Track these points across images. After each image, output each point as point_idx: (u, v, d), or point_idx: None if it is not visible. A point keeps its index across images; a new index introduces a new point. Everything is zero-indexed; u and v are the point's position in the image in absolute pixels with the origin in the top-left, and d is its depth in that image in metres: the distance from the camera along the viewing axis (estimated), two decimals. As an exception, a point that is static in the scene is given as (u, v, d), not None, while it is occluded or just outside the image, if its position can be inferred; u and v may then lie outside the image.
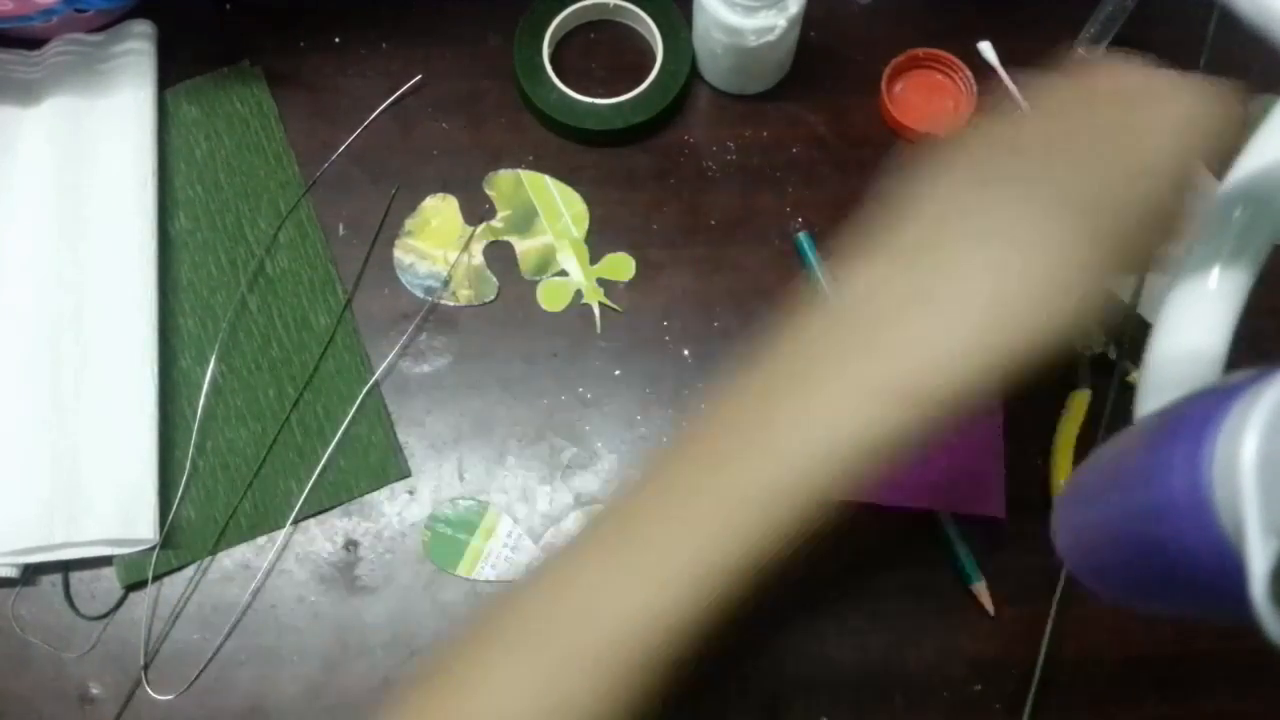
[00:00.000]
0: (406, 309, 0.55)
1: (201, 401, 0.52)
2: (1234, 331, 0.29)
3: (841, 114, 0.58)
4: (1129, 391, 0.53)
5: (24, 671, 0.49)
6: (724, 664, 0.49)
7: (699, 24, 0.56)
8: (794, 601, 0.50)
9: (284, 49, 0.59)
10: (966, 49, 0.59)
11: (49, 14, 0.54)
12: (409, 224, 0.56)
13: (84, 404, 0.50)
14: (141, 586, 0.50)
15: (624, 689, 0.31)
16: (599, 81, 0.58)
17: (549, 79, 0.57)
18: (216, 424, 0.52)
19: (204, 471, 0.52)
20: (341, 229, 0.56)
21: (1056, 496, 0.53)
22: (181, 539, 0.51)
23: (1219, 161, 0.32)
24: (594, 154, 0.57)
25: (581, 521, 0.51)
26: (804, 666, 0.49)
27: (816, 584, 0.50)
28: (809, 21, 0.55)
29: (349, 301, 0.55)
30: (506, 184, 0.57)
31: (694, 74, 0.58)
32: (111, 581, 0.50)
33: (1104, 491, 0.25)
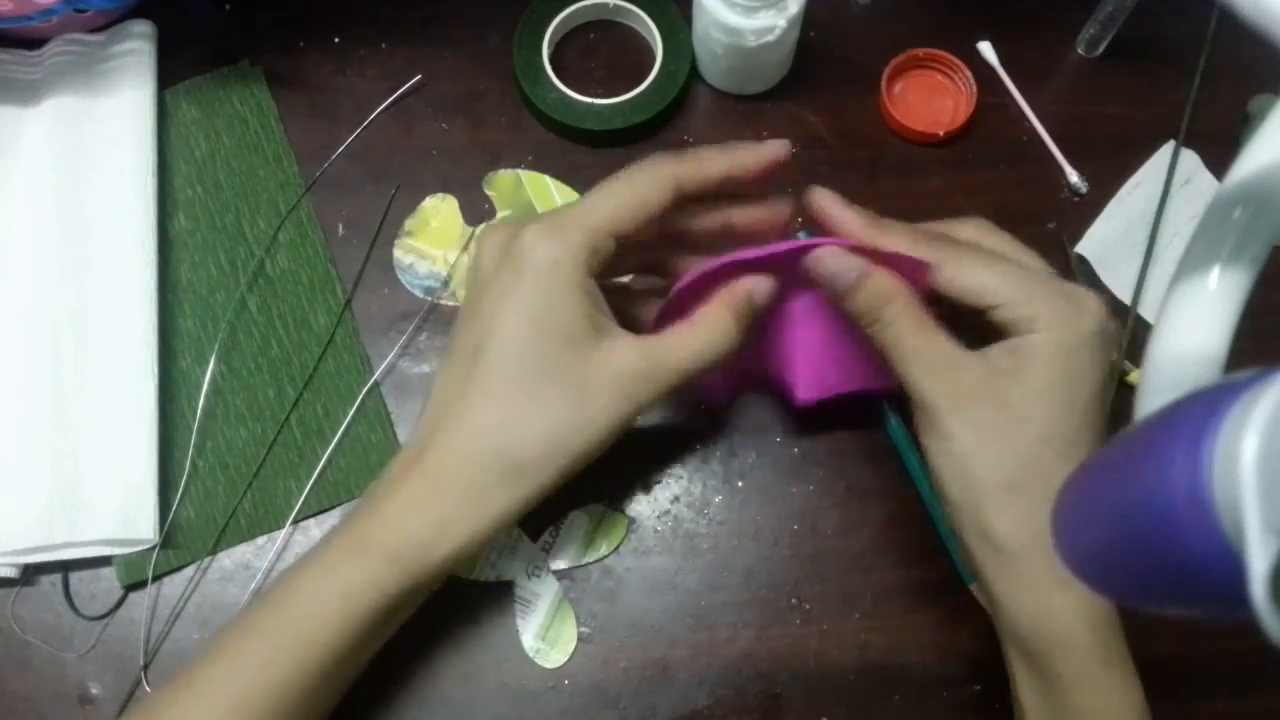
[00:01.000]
0: (406, 309, 0.55)
1: (201, 401, 0.52)
2: (1234, 331, 0.29)
3: (841, 114, 0.58)
4: (1129, 391, 0.53)
5: (24, 671, 0.49)
6: (723, 664, 0.49)
7: (699, 24, 0.56)
8: (794, 601, 0.50)
9: (284, 49, 0.59)
10: (966, 49, 0.59)
11: (49, 14, 0.54)
12: (409, 224, 0.56)
13: (84, 404, 0.50)
14: (141, 586, 0.50)
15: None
16: (599, 81, 0.58)
17: (549, 79, 0.57)
18: (216, 424, 0.52)
19: (204, 471, 0.52)
20: (341, 229, 0.56)
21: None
22: (181, 539, 0.51)
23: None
24: (594, 154, 0.57)
25: (579, 520, 0.51)
26: (804, 666, 0.49)
27: (817, 584, 0.51)
28: (809, 21, 0.55)
29: (349, 301, 0.55)
30: (506, 184, 0.57)
31: (694, 74, 0.58)
32: (111, 581, 0.50)
33: (1103, 491, 0.25)
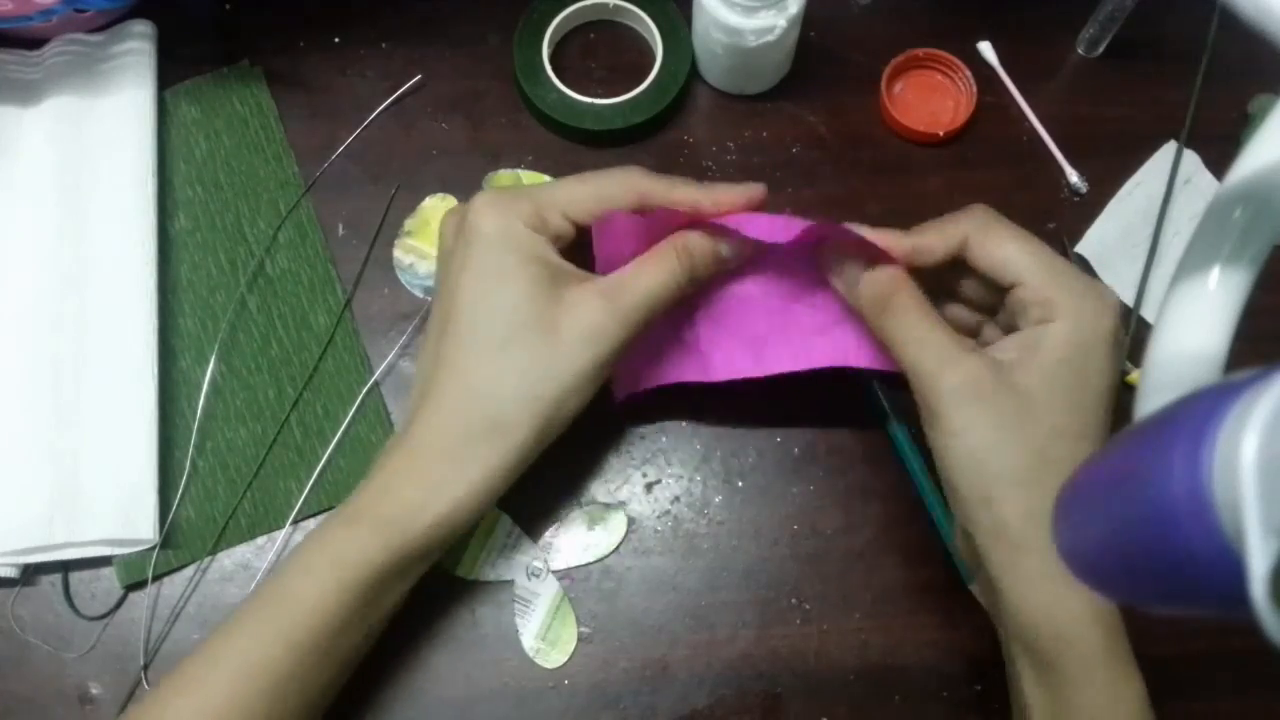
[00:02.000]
0: (406, 309, 0.55)
1: (201, 401, 0.52)
2: (1234, 331, 0.29)
3: (841, 114, 0.58)
4: (1129, 391, 0.53)
5: (24, 671, 0.49)
6: (723, 664, 0.49)
7: (699, 24, 0.56)
8: (794, 601, 0.50)
9: (284, 49, 0.59)
10: (966, 49, 0.59)
11: (49, 14, 0.54)
12: (409, 224, 0.56)
13: (84, 404, 0.50)
14: (141, 586, 0.50)
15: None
16: (599, 81, 0.58)
17: (548, 79, 0.57)
18: (216, 424, 0.52)
19: (204, 471, 0.52)
20: (341, 229, 0.56)
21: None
22: (181, 539, 0.51)
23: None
24: (594, 154, 0.57)
25: (579, 520, 0.51)
26: (804, 666, 0.49)
27: (817, 584, 0.51)
28: (809, 21, 0.55)
29: (349, 301, 0.55)
30: (506, 184, 0.57)
31: (694, 74, 0.58)
32: (111, 581, 0.50)
33: (1103, 491, 0.25)
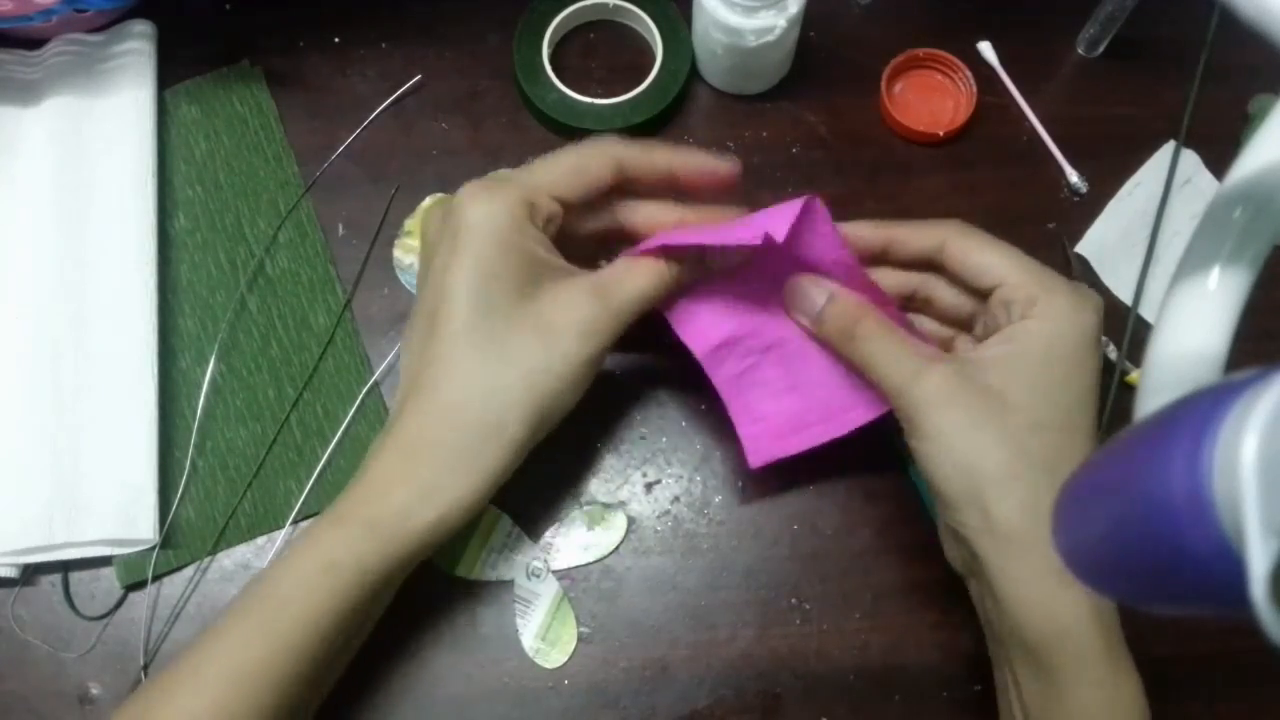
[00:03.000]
0: (406, 309, 0.55)
1: (201, 401, 0.52)
2: (1234, 331, 0.29)
3: (841, 114, 0.58)
4: (1129, 391, 0.53)
5: (24, 671, 0.49)
6: (723, 664, 0.49)
7: (699, 24, 0.56)
8: (794, 601, 0.50)
9: (284, 49, 0.59)
10: (966, 49, 0.59)
11: (49, 14, 0.54)
12: (409, 224, 0.56)
13: (84, 404, 0.50)
14: (141, 586, 0.50)
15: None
16: (599, 81, 0.58)
17: (548, 79, 0.57)
18: (216, 424, 0.52)
19: (204, 471, 0.52)
20: (341, 229, 0.56)
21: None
22: (181, 539, 0.51)
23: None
24: (594, 154, 0.57)
25: (579, 520, 0.51)
26: (804, 666, 0.49)
27: (817, 584, 0.51)
28: (809, 21, 0.55)
29: (349, 301, 0.55)
30: (506, 184, 0.57)
31: (694, 74, 0.58)
32: (111, 581, 0.50)
33: (1103, 491, 0.25)
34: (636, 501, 0.52)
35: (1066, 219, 0.56)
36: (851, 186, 0.57)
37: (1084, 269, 0.55)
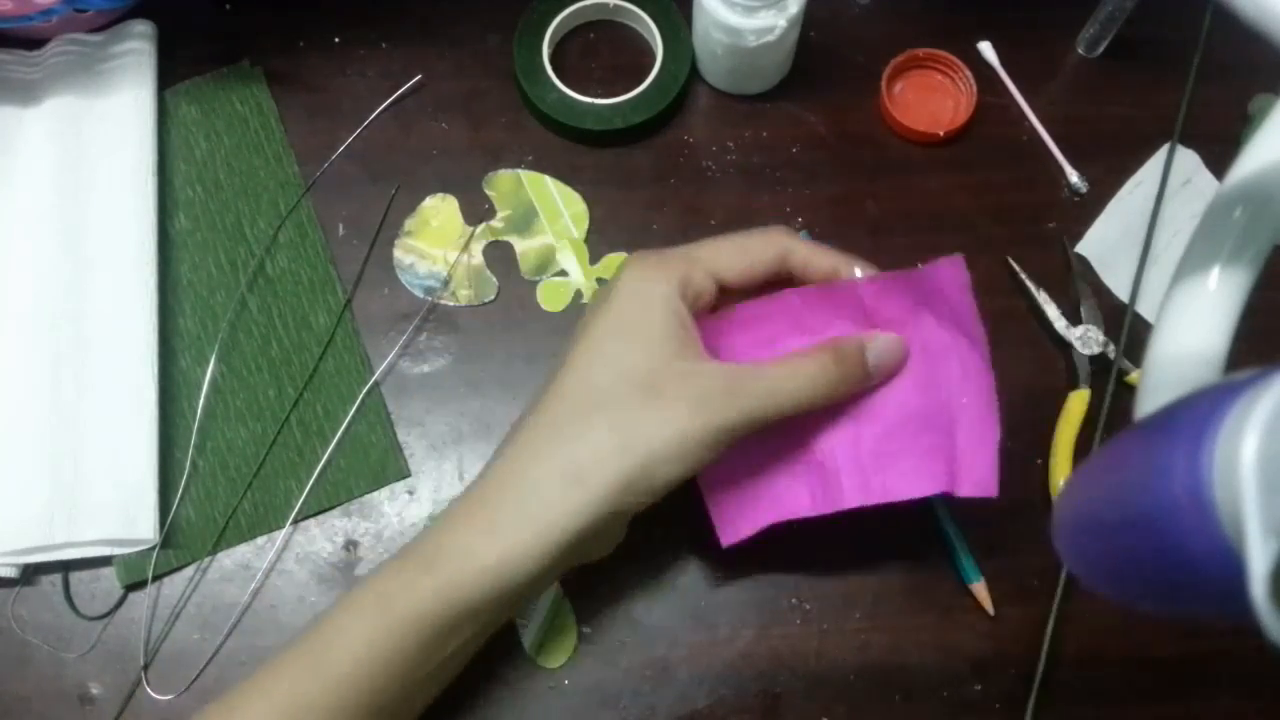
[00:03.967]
0: (406, 309, 0.55)
1: (201, 401, 0.52)
2: (1234, 331, 0.29)
3: (841, 114, 0.58)
4: (1129, 391, 0.53)
5: (24, 671, 0.49)
6: (723, 664, 0.49)
7: (699, 24, 0.56)
8: (794, 601, 0.50)
9: (284, 49, 0.59)
10: (966, 49, 0.59)
11: (49, 14, 0.54)
12: (409, 224, 0.56)
13: (84, 404, 0.50)
14: (141, 586, 0.50)
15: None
16: (599, 81, 0.58)
17: (549, 79, 0.57)
18: (216, 424, 0.52)
19: (204, 471, 0.52)
20: (341, 229, 0.56)
21: (1056, 496, 0.53)
22: (181, 539, 0.51)
23: None
24: (594, 154, 0.57)
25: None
26: (804, 666, 0.49)
27: (817, 584, 0.51)
28: (809, 21, 0.55)
29: (349, 301, 0.55)
30: (506, 184, 0.57)
31: (694, 74, 0.58)
32: (111, 581, 0.50)
33: (1103, 492, 0.25)
34: (636, 501, 0.52)
35: (1066, 219, 0.56)
36: (851, 186, 0.57)
37: (1084, 269, 0.55)
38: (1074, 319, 0.54)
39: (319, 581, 0.50)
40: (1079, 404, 0.52)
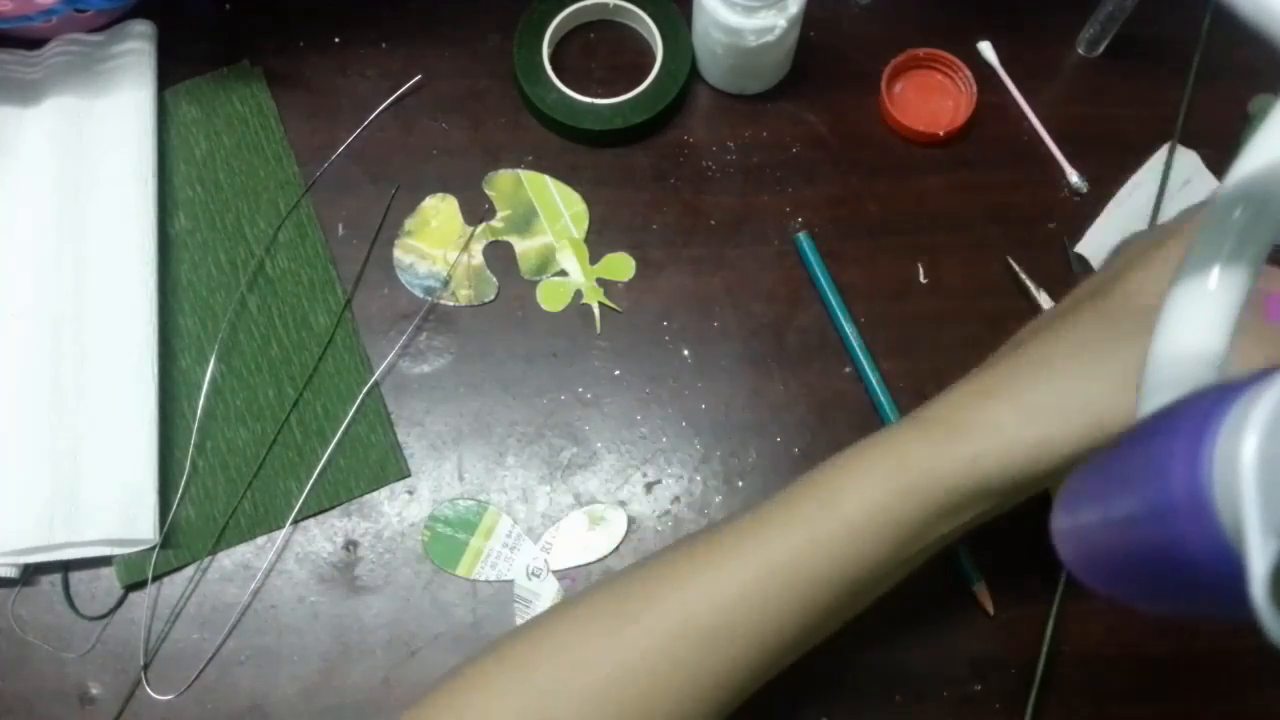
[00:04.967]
0: (406, 309, 0.55)
1: (201, 401, 0.52)
2: (1234, 331, 0.29)
3: (841, 114, 0.58)
4: (1129, 391, 0.53)
5: (24, 671, 0.49)
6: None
7: (699, 24, 0.56)
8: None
9: (284, 49, 0.59)
10: (966, 49, 0.59)
11: (49, 14, 0.54)
12: (409, 224, 0.56)
13: (84, 404, 0.50)
14: (141, 586, 0.50)
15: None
16: (599, 81, 0.58)
17: (549, 79, 0.57)
18: (216, 424, 0.52)
19: (204, 471, 0.52)
20: (341, 229, 0.56)
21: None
22: (181, 539, 0.51)
23: None
24: (594, 154, 0.57)
25: (579, 520, 0.51)
26: (804, 666, 0.49)
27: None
28: (809, 21, 0.55)
29: (349, 301, 0.55)
30: (506, 184, 0.57)
31: (694, 74, 0.58)
32: (111, 581, 0.50)
33: (1103, 491, 0.25)
34: (636, 501, 0.52)
35: (1066, 219, 0.56)
36: (851, 186, 0.57)
37: (1084, 269, 0.55)
38: (1074, 319, 0.54)
39: (319, 581, 0.50)
40: (1079, 404, 0.52)
